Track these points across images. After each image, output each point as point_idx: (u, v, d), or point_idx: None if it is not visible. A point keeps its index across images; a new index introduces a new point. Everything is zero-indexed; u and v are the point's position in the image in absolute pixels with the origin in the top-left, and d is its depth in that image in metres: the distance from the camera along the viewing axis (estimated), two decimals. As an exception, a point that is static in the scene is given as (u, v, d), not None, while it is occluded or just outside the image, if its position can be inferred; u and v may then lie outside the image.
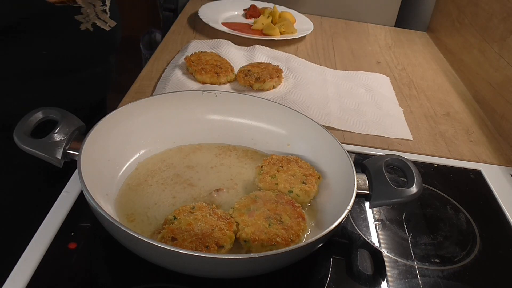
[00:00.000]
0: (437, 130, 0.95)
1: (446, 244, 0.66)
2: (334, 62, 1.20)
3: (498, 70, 1.01)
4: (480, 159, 0.87)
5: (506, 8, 1.02)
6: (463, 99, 1.10)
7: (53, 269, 0.54)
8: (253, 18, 1.36)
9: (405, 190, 0.60)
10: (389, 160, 0.64)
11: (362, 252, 0.63)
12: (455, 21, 1.30)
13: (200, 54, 1.03)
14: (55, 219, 0.60)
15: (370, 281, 0.58)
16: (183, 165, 0.70)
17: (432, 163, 0.84)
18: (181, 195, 0.64)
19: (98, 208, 0.50)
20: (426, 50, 1.37)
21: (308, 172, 0.67)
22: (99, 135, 0.63)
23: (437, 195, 0.75)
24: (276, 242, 0.55)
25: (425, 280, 0.59)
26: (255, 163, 0.71)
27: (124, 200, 0.62)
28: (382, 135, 0.90)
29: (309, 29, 1.32)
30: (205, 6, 1.35)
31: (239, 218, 0.58)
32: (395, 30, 1.50)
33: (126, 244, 0.52)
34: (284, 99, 0.95)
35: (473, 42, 1.16)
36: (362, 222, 0.68)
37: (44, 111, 0.62)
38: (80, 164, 0.56)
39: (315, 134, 0.71)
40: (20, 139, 0.59)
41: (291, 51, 1.20)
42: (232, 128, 0.76)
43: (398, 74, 1.18)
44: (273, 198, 0.62)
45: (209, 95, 0.75)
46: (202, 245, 0.53)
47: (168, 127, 0.73)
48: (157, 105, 0.72)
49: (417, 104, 1.04)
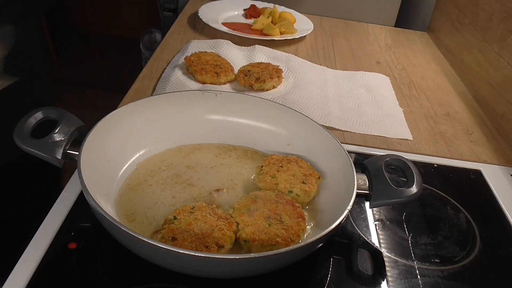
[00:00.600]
0: (437, 130, 0.95)
1: (446, 244, 0.66)
2: (334, 62, 1.20)
3: (498, 70, 1.01)
4: (480, 159, 0.87)
5: (506, 8, 1.02)
6: (463, 99, 1.10)
7: (53, 269, 0.54)
8: (253, 18, 1.35)
9: (405, 190, 0.60)
10: (389, 160, 0.64)
11: (362, 252, 0.63)
12: (455, 21, 1.30)
13: (200, 54, 1.03)
14: (55, 219, 0.60)
15: (370, 281, 0.58)
16: (183, 165, 0.70)
17: (432, 163, 0.84)
18: (181, 195, 0.64)
19: (98, 208, 0.50)
20: (426, 50, 1.37)
21: (308, 172, 0.67)
22: (99, 135, 0.63)
23: (437, 195, 0.75)
24: (276, 242, 0.55)
25: (425, 280, 0.59)
26: (255, 163, 0.71)
27: (124, 200, 0.62)
28: (382, 135, 0.89)
29: (309, 29, 1.32)
30: (205, 6, 1.35)
31: (239, 218, 0.58)
32: (395, 30, 1.50)
33: (126, 244, 0.52)
34: (284, 99, 0.95)
35: (473, 42, 1.16)
36: (362, 222, 0.68)
37: (44, 111, 0.62)
38: (80, 164, 0.56)
39: (315, 134, 0.71)
40: (20, 139, 0.58)
41: (291, 51, 1.20)
42: (232, 128, 0.76)
43: (398, 74, 1.18)
44: (273, 198, 0.62)
45: (209, 95, 0.75)
46: (202, 245, 0.53)
47: (168, 127, 0.73)
48: (157, 105, 0.72)
49: (417, 104, 1.04)
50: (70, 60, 3.08)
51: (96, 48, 3.24)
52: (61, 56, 3.08)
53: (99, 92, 2.71)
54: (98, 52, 3.19)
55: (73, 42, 3.28)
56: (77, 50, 3.21)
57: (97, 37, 3.34)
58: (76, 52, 3.19)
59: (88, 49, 3.24)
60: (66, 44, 3.20)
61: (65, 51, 3.14)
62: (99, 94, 2.68)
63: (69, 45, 3.23)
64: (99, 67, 3.00)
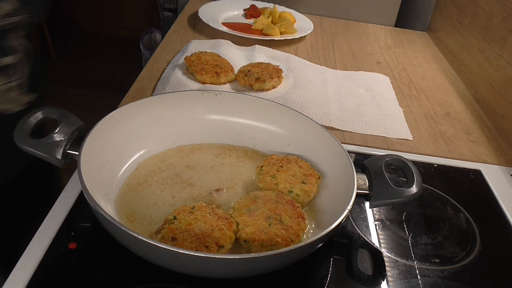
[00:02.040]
0: (437, 130, 0.95)
1: (446, 244, 0.66)
2: (334, 62, 1.20)
3: (498, 70, 1.01)
4: (480, 159, 0.87)
5: (506, 8, 1.02)
6: (463, 99, 1.10)
7: (53, 269, 0.54)
8: (253, 18, 1.35)
9: (405, 190, 0.60)
10: (389, 160, 0.64)
11: (362, 252, 0.63)
12: (455, 21, 1.30)
13: (200, 54, 1.03)
14: (55, 219, 0.60)
15: (370, 281, 0.58)
16: (183, 165, 0.70)
17: (432, 163, 0.84)
18: (181, 195, 0.64)
19: (98, 208, 0.50)
20: (426, 50, 1.37)
21: (308, 172, 0.67)
22: (99, 135, 0.63)
23: (437, 195, 0.75)
24: (276, 242, 0.55)
25: (425, 280, 0.59)
26: (255, 163, 0.71)
27: (124, 200, 0.62)
28: (382, 135, 0.89)
29: (309, 29, 1.32)
30: (205, 6, 1.35)
31: (239, 218, 0.58)
32: (395, 30, 1.50)
33: (126, 244, 0.52)
34: (284, 99, 0.95)
35: (473, 42, 1.16)
36: (362, 222, 0.68)
37: (44, 111, 0.62)
38: (80, 164, 0.56)
39: (315, 134, 0.71)
40: (20, 139, 0.59)
41: (291, 51, 1.20)
42: (232, 128, 0.76)
43: (398, 74, 1.18)
44: (273, 198, 0.62)
45: (209, 95, 0.75)
46: (202, 245, 0.53)
47: (168, 127, 0.73)
48: (157, 105, 0.72)
49: (417, 104, 1.04)
50: (70, 60, 3.08)
51: (96, 48, 3.24)
52: (61, 56, 3.08)
53: (99, 92, 2.71)
54: (98, 52, 3.19)
55: (73, 42, 3.28)
56: (77, 50, 3.21)
57: (97, 37, 3.34)
58: (76, 52, 3.19)
59: (88, 49, 3.24)
60: (66, 44, 3.20)
61: (65, 51, 3.14)
62: (99, 94, 2.68)
63: (69, 45, 3.23)
64: (99, 67, 3.00)
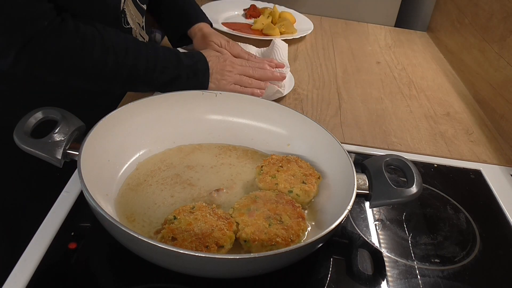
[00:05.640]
0: (437, 130, 0.95)
1: (446, 244, 0.66)
2: (334, 62, 1.20)
3: (498, 70, 1.01)
4: (480, 159, 0.87)
5: (506, 8, 1.02)
6: (463, 99, 1.10)
7: (53, 269, 0.54)
8: (253, 18, 1.35)
9: (405, 190, 0.60)
10: (389, 160, 0.64)
11: (362, 252, 0.63)
12: (455, 21, 1.30)
13: (200, 54, 1.02)
14: (55, 219, 0.60)
15: (370, 281, 0.58)
16: (183, 165, 0.70)
17: (432, 163, 0.84)
18: (181, 195, 0.64)
19: (98, 208, 0.50)
20: (426, 50, 1.37)
21: (308, 172, 0.67)
22: (99, 135, 0.63)
23: (437, 195, 0.75)
24: (276, 242, 0.55)
25: (425, 280, 0.59)
26: (255, 163, 0.71)
27: (124, 200, 0.62)
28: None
29: (309, 29, 1.32)
30: (205, 6, 1.35)
31: (239, 218, 0.58)
32: (395, 30, 1.50)
33: (126, 244, 0.52)
34: (284, 99, 0.95)
35: (473, 42, 1.16)
36: (362, 222, 0.68)
37: (44, 111, 0.62)
38: (80, 164, 0.56)
39: (315, 134, 0.71)
40: (20, 139, 0.59)
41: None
42: (232, 128, 0.76)
43: (398, 74, 1.18)
44: (273, 198, 0.62)
45: (209, 95, 0.75)
46: (202, 245, 0.52)
47: (168, 127, 0.73)
48: (157, 105, 0.72)
49: (417, 104, 1.04)
50: (70, 60, 3.07)
51: (96, 48, 3.23)
52: (61, 56, 3.07)
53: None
54: (98, 52, 3.18)
55: (73, 42, 3.27)
56: (77, 50, 3.20)
57: (97, 37, 3.33)
58: (76, 52, 3.18)
59: (88, 49, 3.23)
60: (66, 44, 3.19)
61: (65, 51, 3.13)
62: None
63: (69, 45, 3.22)
64: (99, 67, 2.99)
